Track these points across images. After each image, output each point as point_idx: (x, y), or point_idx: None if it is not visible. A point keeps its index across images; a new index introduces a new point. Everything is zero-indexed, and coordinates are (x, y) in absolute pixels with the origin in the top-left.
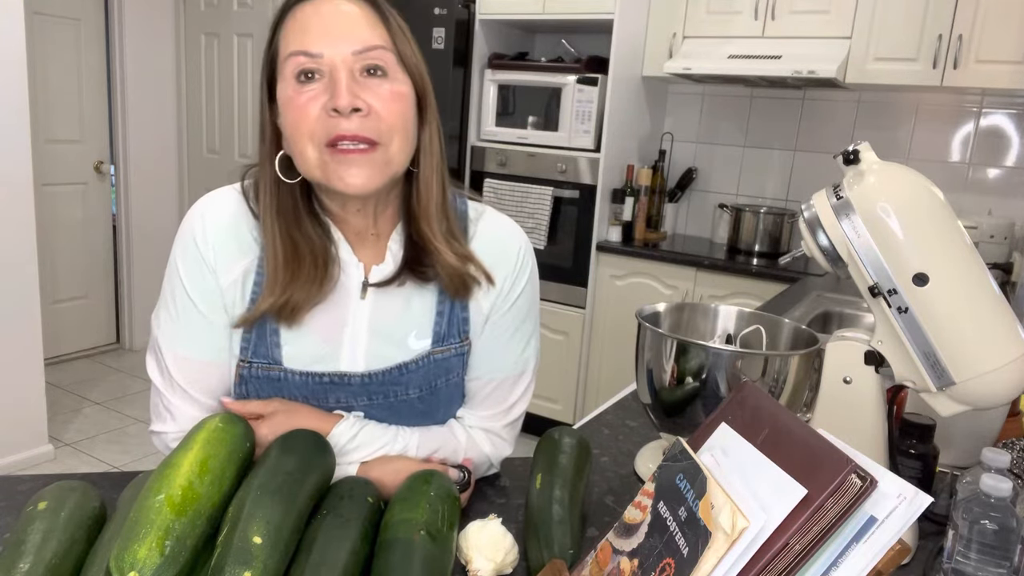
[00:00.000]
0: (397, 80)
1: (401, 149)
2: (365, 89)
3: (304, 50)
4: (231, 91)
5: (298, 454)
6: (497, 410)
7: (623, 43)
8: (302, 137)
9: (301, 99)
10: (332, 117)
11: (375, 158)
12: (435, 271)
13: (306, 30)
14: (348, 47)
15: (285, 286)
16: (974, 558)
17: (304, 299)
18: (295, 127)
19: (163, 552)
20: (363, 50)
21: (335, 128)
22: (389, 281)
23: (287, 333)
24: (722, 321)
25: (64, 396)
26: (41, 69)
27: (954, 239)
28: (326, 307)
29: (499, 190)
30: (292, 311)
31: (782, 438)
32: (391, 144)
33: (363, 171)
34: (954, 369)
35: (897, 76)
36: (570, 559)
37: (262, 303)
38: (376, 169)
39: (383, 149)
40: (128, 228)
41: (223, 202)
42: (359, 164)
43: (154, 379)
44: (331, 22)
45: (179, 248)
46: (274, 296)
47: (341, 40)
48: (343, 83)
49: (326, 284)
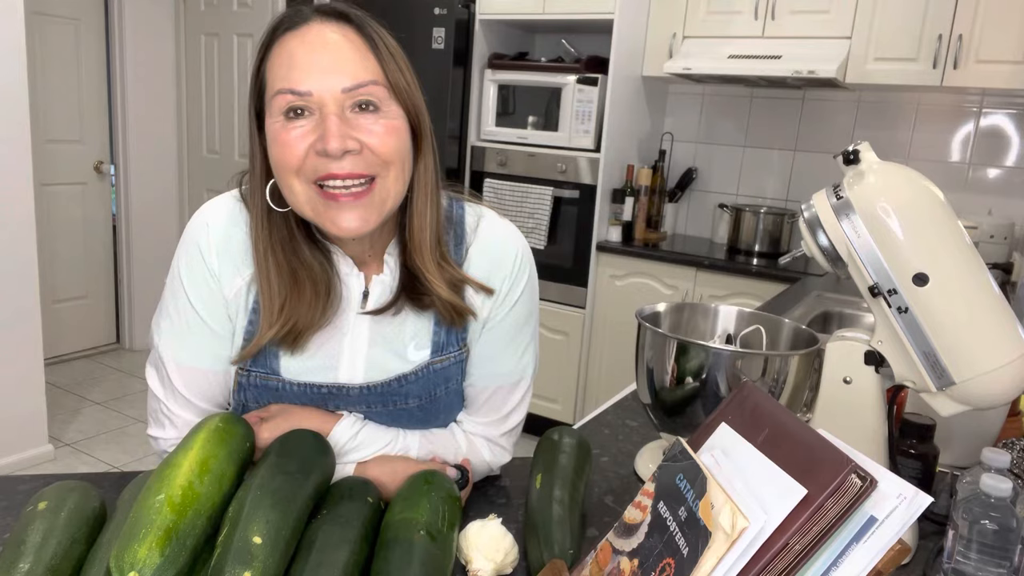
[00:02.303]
0: (390, 113)
1: (397, 181)
2: (356, 127)
3: (291, 88)
4: (231, 91)
5: (298, 454)
6: (494, 417)
7: (623, 43)
8: (290, 174)
9: (290, 136)
10: (322, 158)
11: (372, 199)
12: (430, 299)
13: (293, 65)
14: (338, 83)
15: (288, 315)
16: (974, 558)
17: (307, 326)
18: (282, 164)
19: (163, 552)
20: (353, 87)
21: (325, 168)
22: (385, 308)
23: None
24: (722, 321)
25: (64, 396)
26: (41, 69)
27: (954, 239)
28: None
29: (499, 190)
30: (295, 339)
31: (782, 438)
32: (387, 176)
33: (357, 214)
34: (954, 369)
35: (897, 76)
36: (570, 559)
37: (262, 336)
38: (372, 210)
39: (380, 182)
40: (128, 228)
41: (227, 209)
42: (352, 208)
43: (153, 386)
44: (319, 56)
45: (183, 256)
46: (277, 327)
47: (330, 75)
48: (333, 125)
49: (328, 309)
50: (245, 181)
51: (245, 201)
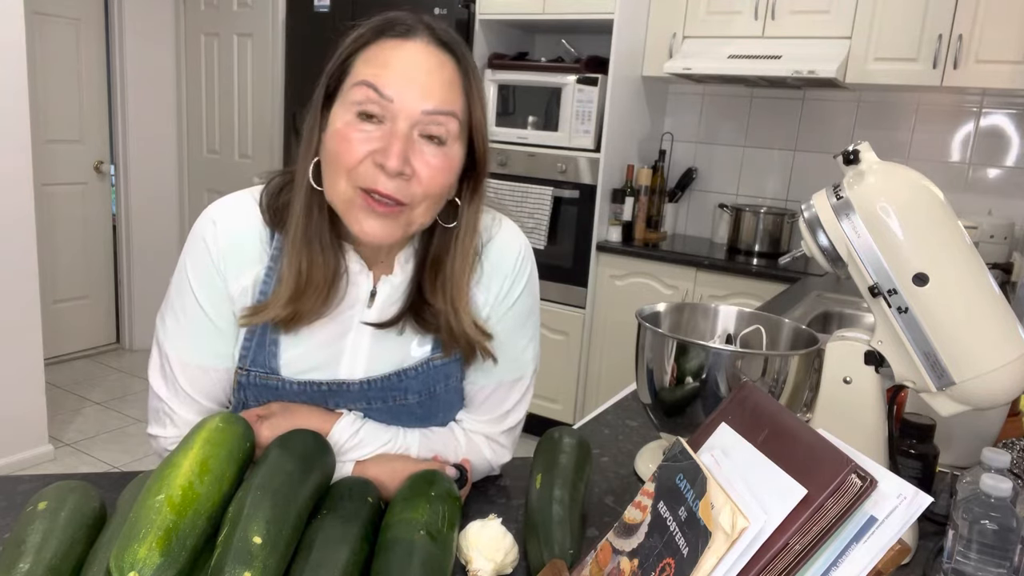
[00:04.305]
0: (453, 149)
1: (426, 213)
2: (417, 155)
3: (377, 86)
4: (231, 91)
5: (298, 454)
6: (494, 415)
7: (623, 43)
8: (340, 170)
9: (354, 136)
10: (376, 169)
11: (399, 219)
12: (436, 325)
13: (387, 64)
14: (421, 103)
15: (294, 302)
16: (974, 558)
17: (308, 311)
18: (337, 159)
19: (163, 552)
20: (434, 112)
21: (374, 181)
22: (389, 324)
23: (286, 340)
24: (722, 321)
25: (64, 396)
26: (41, 69)
27: (954, 239)
28: (330, 315)
29: (499, 190)
30: (293, 322)
31: (782, 438)
32: (418, 207)
33: (383, 225)
34: (954, 369)
35: (897, 76)
36: (570, 559)
37: (268, 312)
38: (397, 228)
39: (408, 210)
40: (128, 228)
41: (236, 209)
42: (381, 218)
43: (156, 385)
44: (413, 68)
45: (190, 253)
46: (280, 310)
47: (417, 91)
48: (400, 144)
49: (332, 299)
50: (274, 185)
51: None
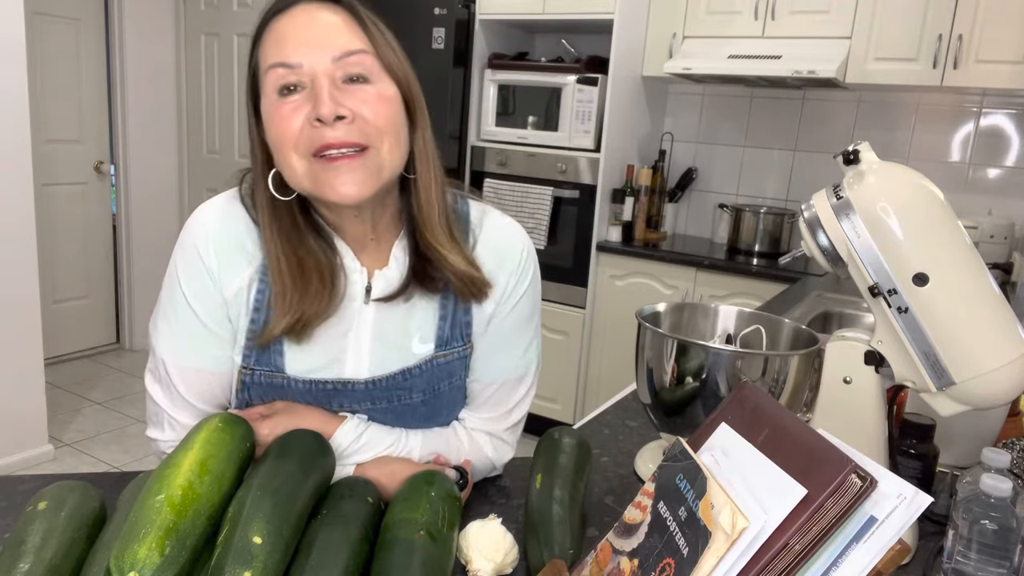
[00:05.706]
0: (382, 83)
1: (392, 151)
2: (348, 96)
3: (282, 61)
4: (231, 91)
5: (298, 454)
6: (498, 412)
7: (623, 43)
8: (287, 149)
9: (283, 110)
10: (316, 127)
11: (366, 163)
12: (444, 277)
13: (283, 41)
14: (327, 55)
15: (296, 304)
16: (974, 558)
17: (315, 315)
18: (279, 139)
19: (163, 552)
20: (343, 55)
21: (320, 138)
22: (394, 296)
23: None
24: (722, 321)
25: (64, 396)
26: (41, 69)
27: (954, 239)
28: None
29: (499, 190)
30: (303, 328)
31: (782, 438)
32: (382, 146)
33: (355, 177)
34: (954, 369)
35: (897, 76)
36: (570, 559)
37: (276, 325)
38: (368, 174)
39: (374, 152)
40: (128, 228)
41: (224, 210)
42: (349, 170)
43: (152, 390)
44: (308, 31)
45: (180, 258)
46: (287, 316)
47: (320, 48)
48: (325, 91)
49: (335, 298)
50: (246, 180)
51: (243, 199)
